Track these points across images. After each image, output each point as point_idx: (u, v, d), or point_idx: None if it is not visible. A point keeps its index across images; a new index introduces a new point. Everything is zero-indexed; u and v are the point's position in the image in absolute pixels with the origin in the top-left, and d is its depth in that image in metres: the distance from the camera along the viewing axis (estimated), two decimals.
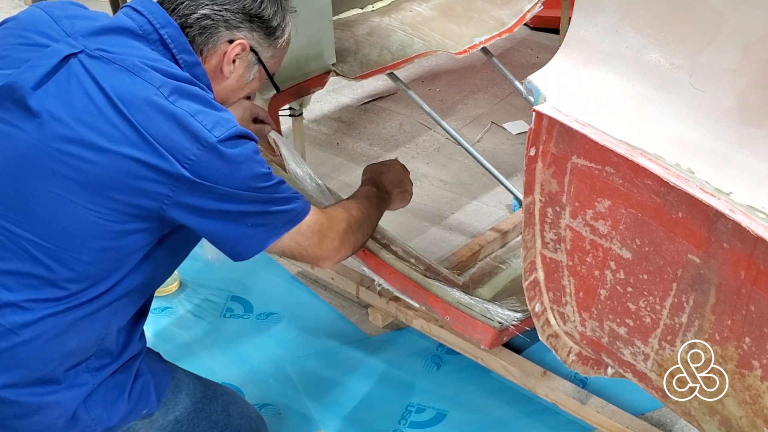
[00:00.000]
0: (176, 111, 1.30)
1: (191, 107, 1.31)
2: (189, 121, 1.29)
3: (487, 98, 3.58)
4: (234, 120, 1.35)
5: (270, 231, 1.41)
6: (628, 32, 1.36)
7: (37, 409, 1.36)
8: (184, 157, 1.29)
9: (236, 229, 1.38)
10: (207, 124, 1.30)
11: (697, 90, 1.29)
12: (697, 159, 1.28)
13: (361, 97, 3.61)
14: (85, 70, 1.31)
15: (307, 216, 1.45)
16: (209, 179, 1.31)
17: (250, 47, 1.45)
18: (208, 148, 1.30)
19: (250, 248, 1.41)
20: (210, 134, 1.30)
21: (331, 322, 2.41)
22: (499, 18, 2.57)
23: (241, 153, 1.33)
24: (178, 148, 1.29)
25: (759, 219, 1.20)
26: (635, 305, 1.43)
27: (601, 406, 2.00)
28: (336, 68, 2.14)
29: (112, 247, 1.34)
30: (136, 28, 1.38)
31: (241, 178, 1.33)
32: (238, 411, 1.63)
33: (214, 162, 1.31)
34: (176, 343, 2.31)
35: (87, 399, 1.40)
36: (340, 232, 1.54)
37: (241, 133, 1.34)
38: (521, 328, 1.98)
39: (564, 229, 1.49)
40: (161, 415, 1.50)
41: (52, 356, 1.35)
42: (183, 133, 1.29)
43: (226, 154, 1.31)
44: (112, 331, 1.41)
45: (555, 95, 1.42)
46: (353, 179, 3.03)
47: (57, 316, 1.33)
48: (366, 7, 2.57)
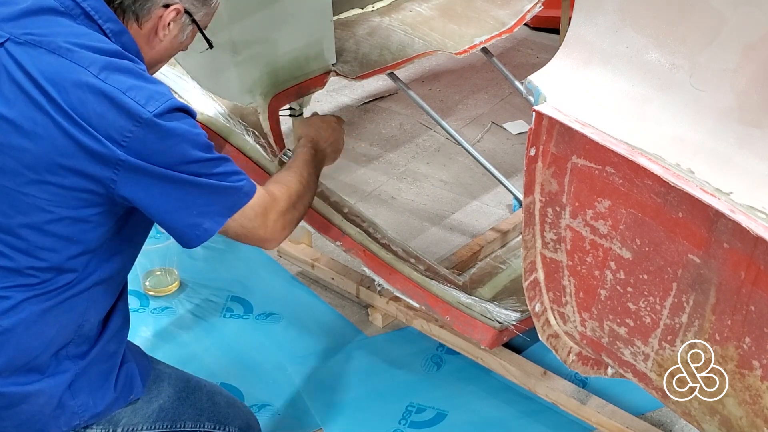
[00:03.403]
0: (107, 89, 1.29)
1: (123, 83, 1.30)
2: (121, 99, 1.28)
3: (487, 98, 3.58)
4: (169, 93, 1.33)
5: (216, 217, 1.39)
6: (628, 32, 1.36)
7: (22, 398, 1.37)
8: (121, 136, 1.28)
9: (183, 217, 1.36)
10: (140, 100, 1.29)
11: (697, 90, 1.29)
12: (697, 159, 1.28)
13: (361, 97, 3.61)
14: (13, 60, 1.31)
15: (252, 198, 1.43)
16: (149, 158, 1.30)
17: (185, 9, 1.44)
18: (143, 124, 1.29)
19: (198, 236, 1.39)
20: (144, 110, 1.28)
21: (331, 322, 2.41)
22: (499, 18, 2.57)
23: (178, 126, 1.32)
24: (114, 128, 1.28)
25: (759, 219, 1.20)
26: (635, 305, 1.43)
27: (601, 406, 2.01)
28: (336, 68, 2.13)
29: (71, 235, 1.34)
30: (57, 5, 1.36)
31: (181, 153, 1.32)
32: (224, 401, 1.62)
33: (150, 138, 1.29)
34: (176, 343, 2.31)
35: (71, 386, 1.40)
36: (283, 212, 1.51)
37: (177, 106, 1.32)
38: (521, 328, 1.98)
39: (564, 229, 1.49)
40: (145, 403, 1.50)
41: (32, 344, 1.36)
42: (116, 111, 1.28)
43: (162, 129, 1.30)
44: (90, 318, 1.42)
45: (555, 95, 1.42)
46: (353, 179, 3.04)
47: (33, 303, 1.35)
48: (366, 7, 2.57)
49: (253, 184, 1.45)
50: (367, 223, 2.10)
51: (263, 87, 1.96)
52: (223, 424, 1.58)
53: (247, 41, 1.89)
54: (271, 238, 1.50)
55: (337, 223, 2.05)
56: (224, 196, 1.39)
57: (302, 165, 1.67)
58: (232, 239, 1.48)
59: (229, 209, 1.40)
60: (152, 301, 2.47)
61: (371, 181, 3.03)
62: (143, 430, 1.49)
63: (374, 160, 3.16)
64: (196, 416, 1.55)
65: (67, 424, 1.42)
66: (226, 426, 1.58)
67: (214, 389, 1.63)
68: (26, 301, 1.35)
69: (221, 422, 1.58)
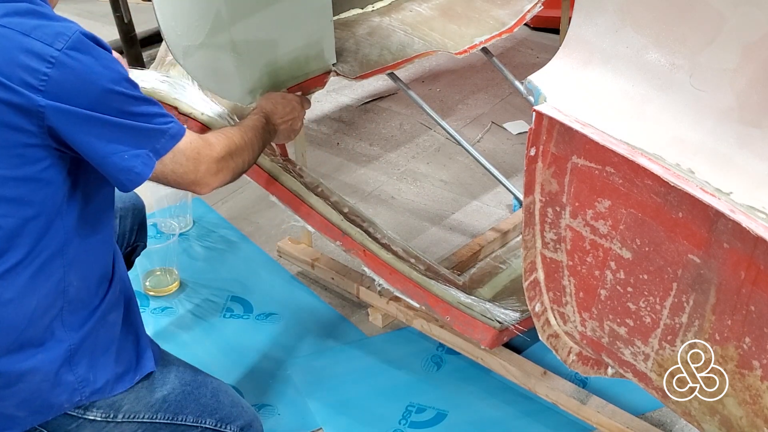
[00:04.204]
0: (10, 34, 1.26)
1: (25, 25, 1.27)
2: (26, 41, 1.26)
3: (487, 98, 3.58)
4: (76, 25, 1.30)
5: (145, 159, 1.36)
6: (628, 32, 1.36)
7: (19, 376, 1.36)
8: (37, 81, 1.26)
9: (116, 161, 1.34)
10: (46, 39, 1.26)
11: (697, 90, 1.29)
12: (697, 159, 1.28)
13: (361, 97, 3.61)
14: None
15: (182, 139, 1.41)
16: (69, 100, 1.27)
17: None
18: (56, 63, 1.26)
19: (132, 180, 1.36)
20: (51, 48, 1.26)
21: (331, 322, 2.41)
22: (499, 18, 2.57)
23: (91, 57, 1.29)
24: (27, 72, 1.25)
25: (759, 219, 1.20)
26: (635, 305, 1.43)
27: (601, 406, 2.00)
28: (336, 68, 2.14)
29: (22, 196, 1.31)
30: None
31: (101, 87, 1.29)
32: (229, 399, 1.61)
33: (67, 75, 1.27)
34: (176, 343, 2.31)
35: (70, 360, 1.39)
36: (217, 158, 1.49)
37: (87, 37, 1.30)
38: (521, 328, 1.98)
39: (564, 229, 1.49)
40: (148, 392, 1.49)
41: (15, 318, 1.34)
42: (25, 54, 1.25)
43: (76, 63, 1.27)
44: (73, 282, 1.39)
45: (555, 95, 1.42)
46: (354, 179, 3.04)
47: (5, 277, 1.32)
48: (366, 7, 2.57)
49: (182, 127, 1.43)
50: (367, 223, 2.10)
51: (263, 87, 1.96)
52: (224, 422, 1.58)
53: (247, 41, 1.89)
54: (202, 183, 1.47)
55: (337, 223, 2.05)
56: (151, 139, 1.37)
57: (248, 126, 1.67)
58: (170, 185, 1.46)
59: (157, 152, 1.38)
60: (152, 301, 2.47)
61: (371, 181, 3.03)
62: (144, 419, 1.49)
63: (374, 160, 3.16)
64: (199, 412, 1.55)
65: (68, 401, 1.41)
66: (228, 424, 1.58)
67: (220, 387, 1.62)
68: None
69: (223, 420, 1.57)
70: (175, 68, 2.13)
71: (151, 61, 2.72)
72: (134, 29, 3.53)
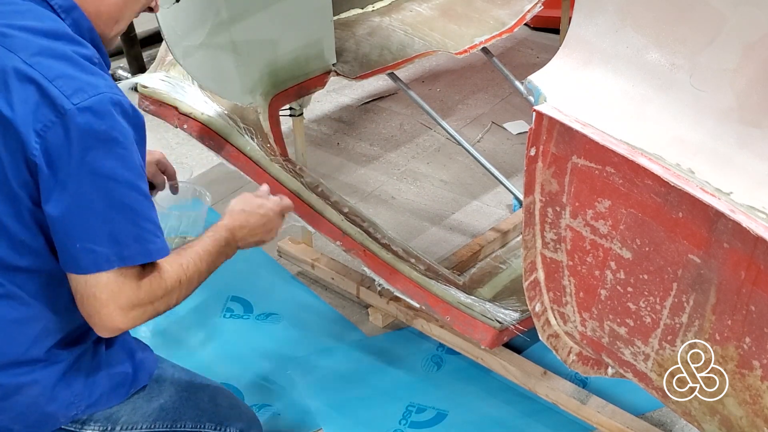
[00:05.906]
0: (34, 75, 1.21)
1: (52, 71, 1.22)
2: (47, 86, 1.21)
3: (487, 98, 3.58)
4: (105, 87, 1.23)
5: (110, 256, 1.25)
6: (628, 32, 1.36)
7: (15, 389, 1.35)
8: (40, 124, 1.20)
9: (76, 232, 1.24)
10: (66, 90, 1.21)
11: (697, 90, 1.29)
12: (698, 159, 1.28)
13: (361, 97, 3.61)
14: None
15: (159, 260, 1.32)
16: (61, 160, 1.20)
17: None
18: (65, 116, 1.20)
19: (79, 265, 1.26)
20: (68, 101, 1.20)
21: (331, 322, 2.41)
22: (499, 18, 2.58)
23: (107, 125, 1.21)
24: (35, 114, 1.21)
25: (759, 219, 1.20)
26: (635, 305, 1.43)
27: (601, 406, 2.01)
28: (336, 68, 2.14)
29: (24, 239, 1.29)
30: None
31: (100, 158, 1.22)
32: (227, 402, 1.61)
33: (68, 134, 1.20)
34: (176, 343, 2.31)
35: (66, 375, 1.39)
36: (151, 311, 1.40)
37: (114, 102, 1.23)
38: (521, 328, 1.98)
39: (564, 229, 1.49)
40: (145, 402, 1.49)
41: (17, 337, 1.34)
42: (40, 98, 1.20)
43: (84, 124, 1.20)
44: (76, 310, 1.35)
45: (555, 95, 1.42)
46: (353, 179, 3.04)
47: None
48: (366, 7, 2.57)
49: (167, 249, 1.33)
50: (367, 223, 2.10)
51: (264, 87, 1.96)
52: (224, 425, 1.57)
53: (247, 41, 1.89)
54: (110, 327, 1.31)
55: (337, 223, 2.05)
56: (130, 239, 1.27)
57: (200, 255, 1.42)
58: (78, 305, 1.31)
59: (125, 258, 1.28)
60: None
61: (371, 181, 3.03)
62: (142, 428, 1.48)
63: (374, 160, 3.16)
64: (197, 417, 1.55)
65: (65, 416, 1.41)
66: (227, 427, 1.58)
67: (218, 390, 1.62)
68: None
69: (222, 424, 1.57)
70: (175, 68, 2.13)
71: (151, 61, 2.71)
72: (134, 29, 3.53)
